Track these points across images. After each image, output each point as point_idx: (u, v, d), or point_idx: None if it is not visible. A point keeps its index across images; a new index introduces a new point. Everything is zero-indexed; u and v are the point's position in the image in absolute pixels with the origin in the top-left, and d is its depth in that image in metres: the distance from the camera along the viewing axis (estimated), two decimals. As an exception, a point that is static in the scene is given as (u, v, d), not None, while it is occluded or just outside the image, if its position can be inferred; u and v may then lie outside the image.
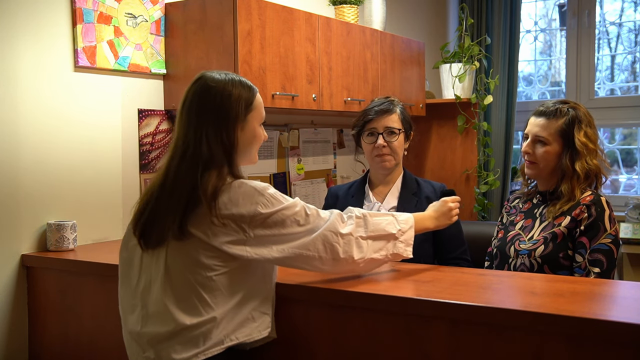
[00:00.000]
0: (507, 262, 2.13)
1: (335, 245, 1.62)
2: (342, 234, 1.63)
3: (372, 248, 1.69)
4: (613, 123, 4.48)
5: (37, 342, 2.25)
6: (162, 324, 1.53)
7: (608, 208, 2.04)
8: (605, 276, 1.97)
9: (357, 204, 2.32)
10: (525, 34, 4.74)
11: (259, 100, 1.67)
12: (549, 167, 2.11)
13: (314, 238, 1.60)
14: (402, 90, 3.58)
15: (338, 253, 1.62)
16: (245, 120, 1.62)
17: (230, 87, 1.60)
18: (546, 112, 2.12)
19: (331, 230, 1.62)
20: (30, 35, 2.21)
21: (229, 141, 1.58)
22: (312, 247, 1.60)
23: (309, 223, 1.61)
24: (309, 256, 1.60)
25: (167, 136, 2.68)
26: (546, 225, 2.09)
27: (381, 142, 2.26)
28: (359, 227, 1.68)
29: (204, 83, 1.61)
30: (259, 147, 1.70)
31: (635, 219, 4.06)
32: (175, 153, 1.58)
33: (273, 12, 2.65)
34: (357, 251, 1.65)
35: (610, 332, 1.32)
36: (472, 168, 4.01)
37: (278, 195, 1.59)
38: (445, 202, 1.94)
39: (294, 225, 1.59)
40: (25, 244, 2.23)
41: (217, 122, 1.57)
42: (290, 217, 1.58)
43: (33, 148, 2.23)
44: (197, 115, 1.58)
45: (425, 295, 1.57)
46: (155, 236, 1.55)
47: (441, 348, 1.52)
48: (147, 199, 1.60)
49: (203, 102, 1.58)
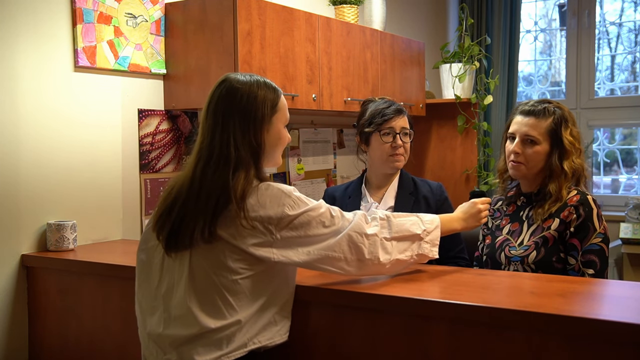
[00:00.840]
0: (499, 268, 2.11)
1: (361, 246, 1.61)
2: (368, 235, 1.62)
3: (398, 249, 1.68)
4: (613, 123, 4.49)
5: (37, 342, 2.25)
6: (185, 327, 1.52)
7: (595, 206, 2.02)
8: (600, 276, 1.96)
9: (354, 204, 2.32)
10: (525, 34, 4.74)
11: (283, 101, 1.67)
12: (537, 167, 2.08)
13: (340, 239, 1.59)
14: (402, 90, 3.58)
15: (364, 254, 1.61)
16: (271, 122, 1.61)
17: (255, 89, 1.60)
18: (534, 111, 2.08)
19: (356, 231, 1.61)
20: (30, 35, 2.21)
21: (257, 143, 1.57)
22: (338, 248, 1.59)
23: (334, 224, 1.60)
24: (335, 257, 1.59)
25: (167, 136, 2.68)
26: (535, 229, 2.06)
27: (399, 142, 2.26)
28: (384, 228, 1.67)
29: (230, 85, 1.60)
30: (283, 149, 1.70)
31: (635, 219, 4.06)
32: (201, 155, 1.56)
33: (273, 12, 2.65)
34: (383, 252, 1.64)
35: (610, 332, 1.32)
36: (472, 168, 4.01)
37: (303, 198, 1.59)
38: (475, 203, 1.91)
39: (319, 227, 1.58)
40: (25, 244, 2.23)
41: (244, 123, 1.56)
42: (315, 218, 1.58)
43: (33, 148, 2.23)
44: (224, 117, 1.56)
45: (425, 295, 1.57)
46: (182, 240, 1.54)
47: (441, 348, 1.52)
48: (172, 202, 1.57)
49: (229, 104, 1.57)
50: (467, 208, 1.90)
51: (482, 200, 1.93)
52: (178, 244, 1.54)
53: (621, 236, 3.95)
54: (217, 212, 1.50)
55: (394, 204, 2.29)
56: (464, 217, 1.89)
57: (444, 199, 2.33)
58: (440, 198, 2.32)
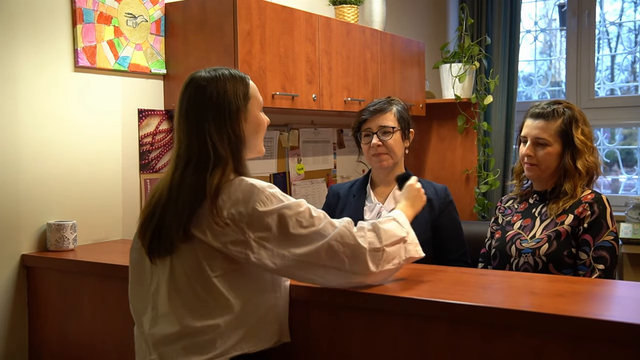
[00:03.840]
0: (508, 261, 2.13)
1: (343, 257, 1.52)
2: (353, 245, 1.54)
3: (387, 258, 1.60)
4: (613, 123, 4.48)
5: (37, 342, 2.25)
6: (168, 326, 1.52)
7: (609, 205, 2.07)
8: (609, 272, 2.00)
9: (358, 204, 2.32)
10: (525, 34, 4.74)
11: (253, 87, 1.64)
12: (551, 168, 2.12)
13: (320, 246, 1.50)
14: (402, 90, 3.58)
15: (345, 264, 1.53)
16: (247, 110, 1.59)
17: (223, 83, 1.57)
18: (543, 113, 2.13)
19: (339, 240, 1.52)
20: (30, 35, 2.21)
21: (236, 136, 1.55)
22: (317, 255, 1.51)
23: (313, 225, 1.51)
24: (313, 264, 1.52)
25: (167, 136, 2.68)
26: (548, 224, 2.09)
27: (375, 142, 2.26)
28: (373, 238, 1.58)
29: (197, 85, 1.57)
30: (264, 134, 1.67)
31: (635, 219, 4.06)
32: (179, 161, 1.55)
33: (273, 12, 2.65)
34: (372, 264, 1.56)
35: (610, 332, 1.32)
36: (472, 168, 4.01)
37: (278, 194, 1.53)
38: (411, 186, 1.90)
39: (296, 227, 1.50)
40: (25, 244, 2.23)
41: (219, 120, 1.54)
42: (292, 217, 1.50)
43: (33, 148, 2.23)
44: (197, 119, 1.54)
45: (425, 295, 1.57)
46: (164, 246, 1.53)
47: (441, 348, 1.52)
48: (152, 209, 1.57)
49: (200, 104, 1.55)
50: (408, 193, 1.88)
51: (414, 180, 1.93)
52: (160, 250, 1.54)
53: (621, 236, 3.95)
54: (192, 211, 1.48)
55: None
56: (411, 203, 1.85)
57: (448, 202, 2.33)
58: (444, 201, 2.32)
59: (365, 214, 2.30)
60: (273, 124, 3.21)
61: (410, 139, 2.36)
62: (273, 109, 2.69)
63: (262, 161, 3.12)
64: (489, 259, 2.25)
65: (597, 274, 1.99)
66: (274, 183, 3.18)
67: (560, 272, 2.02)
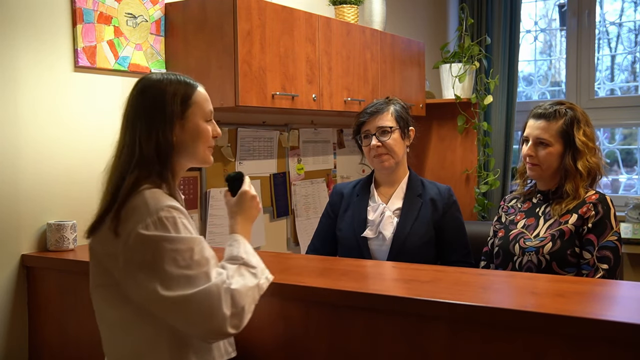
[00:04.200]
0: (511, 260, 2.14)
1: (202, 316, 1.39)
2: (217, 310, 1.39)
3: (247, 314, 1.45)
4: (613, 123, 4.48)
5: (37, 342, 2.25)
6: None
7: (612, 206, 2.09)
8: (613, 272, 2.01)
9: (362, 204, 2.32)
10: (525, 34, 4.74)
11: (200, 95, 1.59)
12: (552, 168, 2.13)
13: (184, 295, 1.37)
14: (402, 90, 3.58)
15: (202, 323, 1.40)
16: (185, 117, 1.55)
17: (164, 86, 1.55)
18: (545, 114, 2.14)
19: (206, 298, 1.38)
20: (30, 35, 2.21)
21: (166, 139, 1.51)
22: (179, 303, 1.38)
23: (190, 269, 1.39)
24: (172, 311, 1.40)
25: (167, 136, 2.68)
26: (552, 223, 2.11)
27: (375, 143, 2.26)
28: (235, 300, 1.42)
29: (142, 85, 1.58)
30: (207, 144, 1.61)
31: (635, 219, 4.06)
32: (111, 160, 1.56)
33: (273, 12, 2.65)
34: (231, 327, 1.41)
35: (611, 332, 1.32)
36: (472, 168, 4.01)
37: (171, 223, 1.41)
38: (245, 194, 1.65)
39: (169, 263, 1.38)
40: (25, 244, 2.23)
41: (151, 122, 1.51)
42: (169, 252, 1.38)
43: (33, 148, 2.22)
44: (133, 118, 1.54)
45: (425, 295, 1.56)
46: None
47: (441, 348, 1.52)
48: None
49: (138, 104, 1.55)
50: (241, 204, 1.65)
51: (247, 185, 1.68)
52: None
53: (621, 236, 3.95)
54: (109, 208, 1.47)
55: (401, 205, 2.29)
56: (247, 216, 1.64)
57: (452, 202, 2.33)
58: (448, 201, 2.31)
59: (368, 213, 2.30)
60: (273, 123, 3.24)
61: (410, 138, 2.36)
62: (273, 109, 2.69)
63: (262, 161, 3.12)
64: (492, 257, 2.26)
65: (601, 273, 2.00)
66: (273, 183, 3.18)
67: (564, 271, 2.03)
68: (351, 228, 2.31)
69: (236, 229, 1.62)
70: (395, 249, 2.22)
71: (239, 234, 1.60)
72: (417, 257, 2.17)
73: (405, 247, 2.21)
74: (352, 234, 2.29)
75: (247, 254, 1.54)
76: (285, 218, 3.27)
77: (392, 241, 2.23)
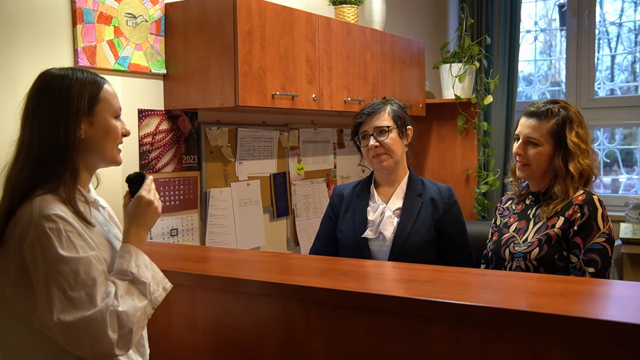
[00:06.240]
0: (502, 265, 2.12)
1: (86, 342, 1.35)
2: (102, 336, 1.35)
3: (136, 333, 1.41)
4: (613, 123, 4.49)
5: (37, 342, 2.25)
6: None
7: (601, 206, 2.02)
8: (600, 275, 1.96)
9: (362, 204, 2.32)
10: (525, 34, 4.75)
11: (108, 91, 1.53)
12: (541, 168, 2.09)
13: (75, 321, 1.32)
14: (402, 90, 3.58)
15: (88, 348, 1.37)
16: (93, 113, 1.49)
17: (69, 81, 1.47)
18: (537, 112, 2.09)
19: (94, 322, 1.34)
20: (30, 35, 2.21)
21: (69, 137, 1.44)
22: (60, 326, 1.32)
23: (74, 291, 1.33)
24: (59, 335, 1.35)
25: (167, 136, 2.68)
26: (540, 227, 2.07)
27: (373, 143, 2.26)
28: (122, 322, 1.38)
29: (44, 79, 1.49)
30: (117, 143, 1.55)
31: (635, 219, 4.06)
32: (12, 157, 1.48)
33: (273, 12, 2.65)
34: (119, 349, 1.38)
35: (611, 332, 1.32)
36: (472, 168, 4.01)
37: (54, 237, 1.34)
38: (141, 199, 1.55)
39: (50, 285, 1.32)
40: (25, 244, 2.22)
41: (53, 119, 1.44)
42: (52, 272, 1.32)
43: (33, 148, 2.22)
44: (34, 114, 1.47)
45: (425, 295, 1.56)
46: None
47: (441, 348, 1.52)
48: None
49: (40, 99, 1.47)
50: (134, 209, 1.56)
51: (147, 186, 1.58)
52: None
53: (621, 236, 3.95)
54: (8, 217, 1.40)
55: (401, 205, 2.28)
56: (140, 223, 1.55)
57: (452, 202, 2.32)
58: (449, 201, 2.31)
59: (369, 214, 2.30)
60: (273, 123, 3.24)
61: (409, 137, 2.35)
62: (273, 109, 2.69)
63: (262, 161, 3.12)
64: (488, 261, 2.25)
65: (588, 277, 1.95)
66: (273, 183, 3.18)
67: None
68: (352, 229, 2.30)
69: (128, 238, 1.52)
70: (396, 249, 2.22)
71: (132, 243, 1.51)
72: (418, 257, 2.16)
73: (406, 247, 2.21)
74: (353, 234, 2.29)
75: (139, 268, 1.46)
76: (285, 218, 3.27)
77: (392, 241, 2.22)
